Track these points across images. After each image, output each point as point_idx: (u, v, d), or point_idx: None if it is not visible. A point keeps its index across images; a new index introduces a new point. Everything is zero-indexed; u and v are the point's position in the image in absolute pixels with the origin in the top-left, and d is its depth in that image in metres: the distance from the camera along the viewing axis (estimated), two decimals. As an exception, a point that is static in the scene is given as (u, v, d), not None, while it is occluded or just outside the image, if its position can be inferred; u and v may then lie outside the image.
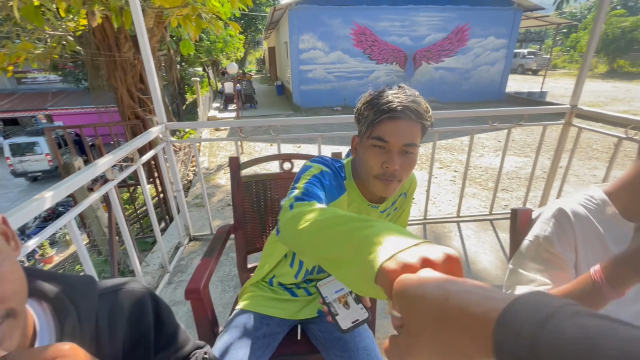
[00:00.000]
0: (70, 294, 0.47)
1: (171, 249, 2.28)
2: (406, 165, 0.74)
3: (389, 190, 0.77)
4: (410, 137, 0.71)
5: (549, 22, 12.69)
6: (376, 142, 0.73)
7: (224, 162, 5.83)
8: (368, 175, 0.78)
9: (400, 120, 0.70)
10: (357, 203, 0.87)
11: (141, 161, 1.62)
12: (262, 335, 0.92)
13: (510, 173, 4.77)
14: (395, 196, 0.94)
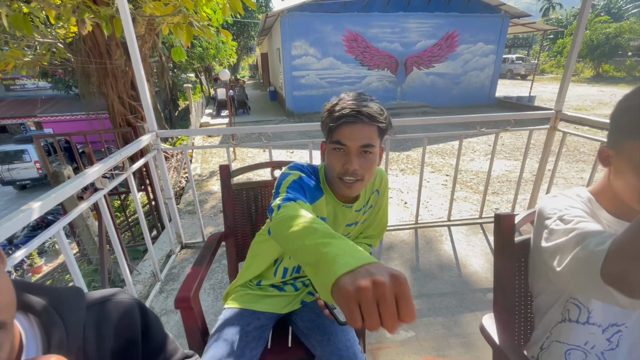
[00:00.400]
0: (57, 306, 0.47)
1: (162, 257, 2.26)
2: (365, 164, 0.79)
3: (352, 190, 0.83)
4: (366, 138, 0.77)
5: (536, 28, 13.01)
6: (336, 146, 0.79)
7: (216, 169, 5.81)
8: (334, 176, 0.84)
9: (354, 124, 0.76)
10: (332, 205, 0.92)
11: (132, 169, 1.62)
12: (253, 328, 0.95)
13: (501, 176, 4.84)
14: (367, 194, 0.99)
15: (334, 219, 0.94)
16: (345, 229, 0.99)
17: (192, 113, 8.46)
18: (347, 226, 0.99)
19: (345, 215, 0.95)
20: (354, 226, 1.01)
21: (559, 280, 0.64)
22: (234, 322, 0.95)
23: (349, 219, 0.97)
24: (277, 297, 1.05)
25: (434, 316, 1.69)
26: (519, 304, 0.88)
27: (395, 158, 5.91)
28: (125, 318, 0.54)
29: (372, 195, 1.00)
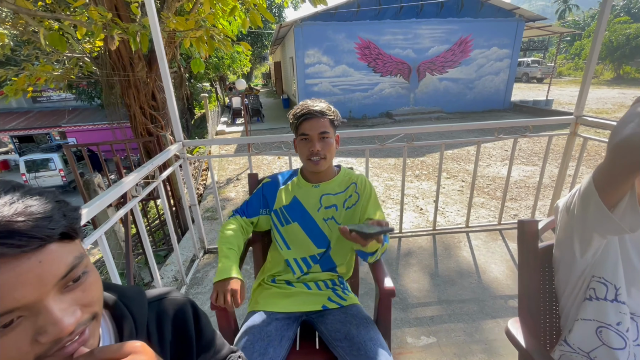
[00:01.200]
0: (125, 302, 0.53)
1: (186, 262, 2.34)
2: (325, 146, 1.07)
3: (319, 166, 1.08)
4: (322, 127, 1.05)
5: (552, 31, 12.79)
6: (302, 137, 1.07)
7: (232, 176, 5.94)
8: (303, 159, 1.11)
9: (312, 119, 1.04)
10: (303, 187, 1.17)
11: (162, 177, 1.71)
12: (273, 329, 1.01)
13: (519, 182, 4.76)
14: (342, 184, 1.17)
15: (302, 196, 1.16)
16: (325, 210, 1.14)
17: (209, 121, 8.69)
18: (326, 208, 1.15)
19: (314, 194, 1.15)
20: (334, 209, 1.15)
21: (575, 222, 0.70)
22: (254, 325, 1.02)
23: (325, 201, 1.15)
24: (291, 295, 1.11)
25: (455, 322, 1.69)
26: (544, 309, 0.89)
27: (410, 164, 5.90)
28: (180, 314, 0.59)
29: (349, 186, 1.17)
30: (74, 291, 0.37)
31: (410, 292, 1.93)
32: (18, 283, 0.32)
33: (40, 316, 0.34)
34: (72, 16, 3.23)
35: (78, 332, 0.37)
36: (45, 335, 0.34)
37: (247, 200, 1.21)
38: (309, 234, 1.14)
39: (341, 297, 1.12)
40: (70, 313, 0.36)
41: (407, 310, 1.79)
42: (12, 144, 15.09)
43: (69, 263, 0.36)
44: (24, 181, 11.61)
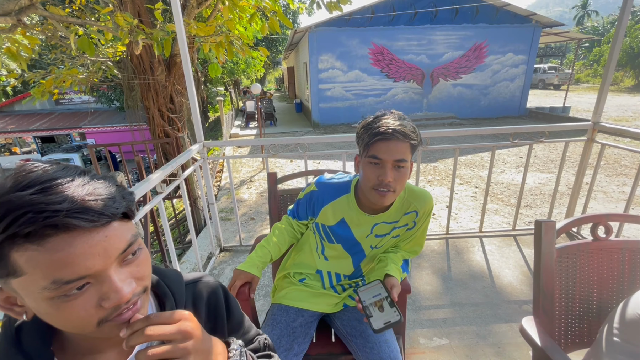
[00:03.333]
0: (166, 281, 0.59)
1: (202, 259, 2.41)
2: (398, 177, 0.88)
3: (385, 200, 0.91)
4: (400, 154, 0.86)
5: (570, 37, 12.58)
6: (372, 160, 0.88)
7: (246, 178, 6.04)
8: (367, 187, 0.92)
9: (390, 141, 0.86)
10: (355, 210, 1.02)
11: (184, 175, 1.78)
12: (299, 325, 1.04)
13: (534, 189, 4.70)
14: (400, 212, 1.03)
15: (351, 220, 1.03)
16: (375, 239, 1.04)
17: (224, 125, 8.86)
18: (377, 236, 1.04)
19: (366, 222, 1.02)
20: (385, 237, 1.05)
21: None
22: (281, 318, 1.05)
23: (377, 230, 1.03)
24: (320, 296, 1.12)
25: (468, 325, 1.70)
26: (559, 308, 0.91)
27: (422, 169, 5.88)
28: (213, 296, 0.64)
29: (409, 213, 1.03)
30: (130, 265, 0.43)
31: (423, 294, 1.94)
32: (89, 253, 0.37)
33: (105, 284, 0.39)
34: (99, 22, 3.39)
35: (133, 301, 0.43)
36: (108, 301, 0.39)
37: (299, 200, 1.14)
38: (352, 257, 1.09)
39: None
40: (127, 284, 0.41)
41: (419, 312, 1.80)
42: (34, 143, 15.69)
43: (128, 239, 0.41)
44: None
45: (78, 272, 0.36)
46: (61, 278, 0.36)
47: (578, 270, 0.92)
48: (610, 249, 0.93)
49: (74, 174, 0.39)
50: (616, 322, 0.76)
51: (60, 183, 0.36)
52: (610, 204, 4.00)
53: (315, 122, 11.15)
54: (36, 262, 0.35)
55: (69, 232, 0.35)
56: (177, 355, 0.42)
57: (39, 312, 0.39)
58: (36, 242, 0.34)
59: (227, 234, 3.26)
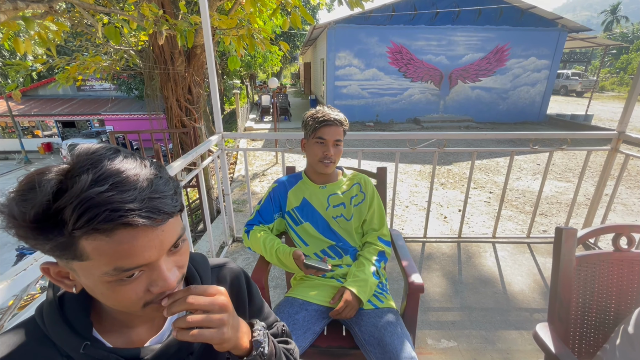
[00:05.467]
0: (194, 264, 0.61)
1: (215, 248, 2.46)
2: (337, 152, 1.19)
3: (328, 168, 1.20)
4: (338, 135, 1.17)
5: (597, 43, 12.15)
6: (319, 140, 1.17)
7: (259, 171, 6.10)
8: (315, 160, 1.20)
9: (332, 126, 1.16)
10: (309, 187, 1.27)
11: (203, 165, 1.82)
12: (301, 318, 1.06)
13: (550, 198, 4.59)
14: (347, 183, 1.28)
15: (310, 197, 1.25)
16: (333, 209, 1.24)
17: (239, 117, 8.95)
18: (334, 206, 1.24)
19: (322, 194, 1.25)
20: (343, 207, 1.24)
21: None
22: (284, 310, 1.09)
23: (332, 200, 1.24)
24: (323, 286, 1.17)
25: (477, 329, 1.69)
26: (575, 316, 0.90)
27: (436, 172, 5.82)
28: (236, 281, 0.67)
29: (353, 186, 1.27)
30: (175, 255, 0.46)
31: (432, 296, 1.94)
32: (148, 246, 0.40)
33: (155, 272, 0.43)
34: (124, 11, 3.46)
35: None
36: (156, 287, 0.43)
37: (258, 210, 1.27)
38: (321, 232, 1.23)
39: (378, 298, 1.14)
40: (172, 273, 0.45)
41: (428, 313, 1.80)
42: (56, 127, 16.16)
43: (179, 233, 0.45)
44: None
45: (137, 262, 0.40)
46: (122, 266, 0.39)
47: (597, 280, 0.91)
48: (632, 261, 0.91)
49: (138, 165, 0.41)
50: (626, 330, 0.76)
51: (129, 178, 0.39)
52: (630, 217, 3.88)
53: (330, 119, 11.14)
54: (102, 250, 0.38)
55: (135, 227, 0.38)
56: (214, 325, 0.45)
57: (94, 291, 0.42)
58: (105, 234, 0.37)
59: (238, 225, 3.31)
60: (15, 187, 0.38)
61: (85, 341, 0.46)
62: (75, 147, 0.41)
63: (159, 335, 0.54)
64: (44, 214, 0.36)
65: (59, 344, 0.46)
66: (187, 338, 0.44)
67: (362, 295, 1.06)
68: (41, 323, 0.47)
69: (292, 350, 0.66)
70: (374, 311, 1.09)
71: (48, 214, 0.36)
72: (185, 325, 0.44)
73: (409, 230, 3.41)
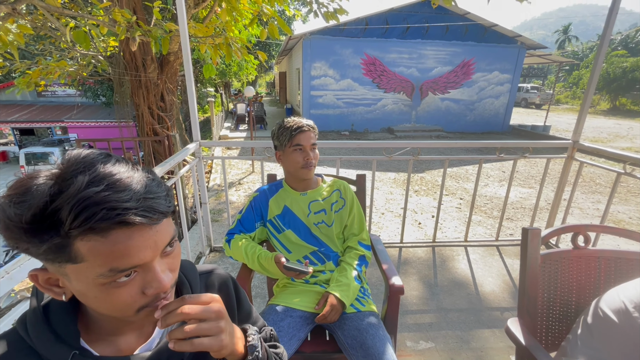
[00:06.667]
0: (183, 271, 0.61)
1: (192, 258, 2.39)
2: (315, 155, 1.22)
3: (310, 172, 1.22)
4: (313, 139, 1.21)
5: (552, 60, 13.21)
6: (296, 147, 1.19)
7: (234, 180, 6.01)
8: (296, 168, 1.21)
9: (306, 132, 1.20)
10: (290, 196, 1.28)
11: (181, 173, 1.79)
12: (286, 325, 1.07)
13: (515, 203, 4.88)
14: (327, 190, 1.30)
15: (291, 204, 1.27)
16: (314, 215, 1.26)
17: (214, 126, 8.81)
18: (316, 213, 1.26)
19: (303, 201, 1.26)
20: (324, 213, 1.27)
21: None
22: (269, 317, 1.09)
23: (313, 207, 1.26)
24: (305, 292, 1.18)
25: (452, 330, 1.76)
26: (541, 310, 0.98)
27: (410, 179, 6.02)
28: (224, 287, 0.67)
29: (333, 192, 1.30)
30: (168, 257, 0.46)
31: (410, 300, 2.00)
32: (143, 246, 0.40)
33: (149, 274, 0.43)
34: (94, 16, 3.36)
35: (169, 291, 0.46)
36: (151, 289, 0.43)
37: (239, 219, 1.28)
38: (303, 238, 1.25)
39: (360, 302, 1.16)
40: (166, 275, 0.45)
41: (407, 316, 1.85)
42: (12, 135, 15.08)
43: (172, 234, 0.45)
44: (22, 174, 11.59)
45: (132, 262, 0.40)
46: (117, 267, 0.39)
47: (559, 276, 0.99)
48: (588, 257, 1.00)
49: (130, 168, 0.42)
50: (585, 320, 0.83)
51: (123, 179, 0.39)
52: (586, 220, 4.20)
53: (306, 128, 11.23)
54: (98, 251, 0.38)
55: (130, 227, 0.38)
56: (212, 333, 0.45)
57: (87, 296, 0.42)
58: (101, 234, 0.37)
59: (215, 235, 3.24)
60: (6, 192, 0.38)
61: (73, 350, 0.44)
62: (65, 154, 0.41)
63: (148, 342, 0.53)
64: (41, 214, 0.36)
65: (45, 354, 0.44)
66: (186, 348, 0.44)
67: (345, 299, 1.08)
68: (24, 334, 0.45)
69: (281, 355, 0.67)
70: (356, 315, 1.11)
71: (45, 215, 0.36)
72: (183, 335, 0.44)
73: (386, 237, 3.48)
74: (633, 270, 1.00)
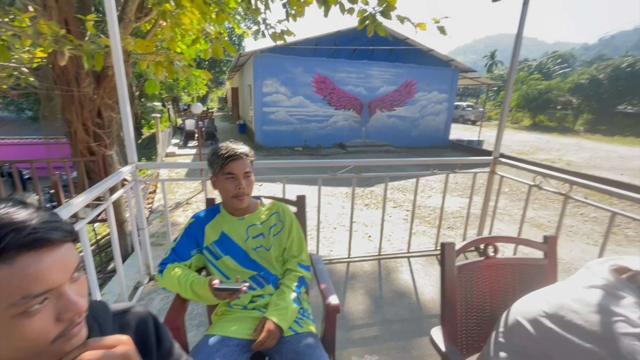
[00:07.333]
0: (92, 313, 0.58)
1: (128, 289, 2.21)
2: (248, 184, 1.19)
3: (243, 202, 1.20)
4: (247, 167, 1.18)
5: (481, 82, 14.82)
6: (228, 176, 1.17)
7: (182, 200, 5.72)
8: (228, 196, 1.19)
9: (239, 160, 1.17)
10: (227, 220, 1.26)
11: (112, 199, 1.67)
12: (222, 356, 1.03)
13: (455, 212, 5.28)
14: (266, 213, 1.29)
15: (229, 230, 1.24)
16: (252, 240, 1.24)
17: (159, 143, 8.35)
18: (254, 238, 1.24)
19: (241, 226, 1.24)
20: (262, 237, 1.25)
21: None
22: (203, 350, 1.04)
23: (251, 231, 1.24)
24: (245, 319, 1.16)
25: (395, 340, 1.84)
26: (460, 318, 1.07)
27: (360, 193, 6.23)
28: (142, 326, 0.65)
29: (272, 215, 1.30)
30: (76, 283, 0.46)
31: (355, 314, 2.05)
32: (53, 268, 0.41)
33: (62, 298, 0.43)
34: (14, 26, 3.06)
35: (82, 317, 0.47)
36: (67, 313, 0.43)
37: (173, 247, 1.23)
38: (241, 264, 1.22)
39: (299, 324, 1.17)
40: (80, 298, 0.45)
41: (352, 331, 1.90)
42: None
43: (78, 259, 0.46)
44: None
45: (44, 286, 0.40)
46: (31, 292, 0.39)
47: (474, 284, 1.11)
48: (497, 265, 1.13)
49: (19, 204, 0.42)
50: (501, 327, 0.93)
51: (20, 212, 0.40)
52: (515, 225, 4.68)
53: (259, 144, 11.14)
54: (7, 281, 0.37)
55: (37, 250, 0.39)
56: None
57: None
58: (7, 262, 0.37)
59: (156, 261, 3.03)
60: None
61: None
62: None
63: None
64: None
65: None
66: None
67: (282, 324, 1.08)
68: None
69: None
70: (294, 337, 1.12)
71: None
72: None
73: (337, 252, 3.55)
74: (533, 274, 1.15)
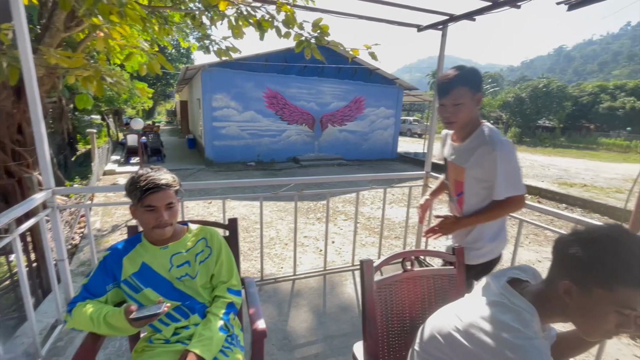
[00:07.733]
0: None
1: (45, 329, 1.98)
2: (172, 214, 1.15)
3: (165, 232, 1.15)
4: (169, 198, 1.13)
5: (423, 99, 16.00)
6: (148, 208, 1.11)
7: (120, 222, 5.30)
8: (148, 228, 1.14)
9: (159, 192, 1.10)
10: (149, 250, 1.19)
11: (18, 231, 1.50)
12: None
13: (402, 223, 5.54)
14: (192, 240, 1.25)
15: (150, 261, 1.17)
16: (177, 269, 1.18)
17: (95, 160, 7.67)
18: (178, 267, 1.18)
19: (163, 256, 1.18)
20: (187, 266, 1.20)
21: None
22: None
23: (175, 260, 1.18)
24: (167, 354, 1.11)
25: (336, 356, 1.86)
26: (381, 331, 1.13)
27: (312, 207, 6.28)
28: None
29: (199, 242, 1.25)
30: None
31: (298, 333, 2.04)
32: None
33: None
34: None
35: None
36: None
37: (85, 284, 1.12)
38: (164, 295, 1.14)
39: (224, 353, 1.14)
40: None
41: (294, 351, 1.88)
42: None
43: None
44: None
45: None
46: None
47: (394, 297, 1.18)
48: (414, 278, 1.22)
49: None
50: (419, 340, 1.00)
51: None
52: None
53: (209, 160, 10.77)
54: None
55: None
56: None
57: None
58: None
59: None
60: None
61: None
62: None
63: None
64: None
65: None
66: None
67: (206, 355, 1.05)
68: None
69: None
70: None
71: None
72: None
73: (287, 268, 3.52)
74: (445, 283, 1.25)
